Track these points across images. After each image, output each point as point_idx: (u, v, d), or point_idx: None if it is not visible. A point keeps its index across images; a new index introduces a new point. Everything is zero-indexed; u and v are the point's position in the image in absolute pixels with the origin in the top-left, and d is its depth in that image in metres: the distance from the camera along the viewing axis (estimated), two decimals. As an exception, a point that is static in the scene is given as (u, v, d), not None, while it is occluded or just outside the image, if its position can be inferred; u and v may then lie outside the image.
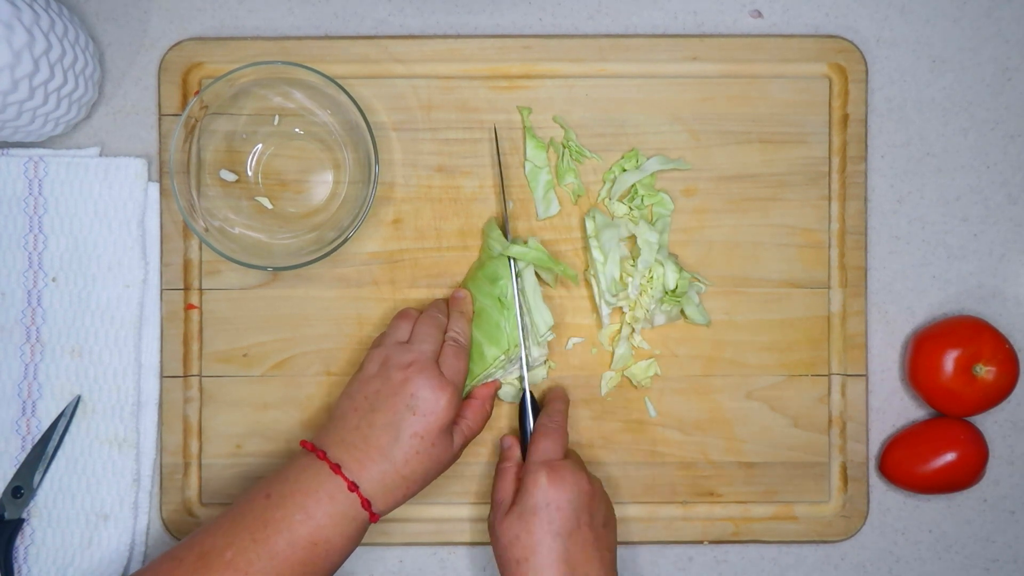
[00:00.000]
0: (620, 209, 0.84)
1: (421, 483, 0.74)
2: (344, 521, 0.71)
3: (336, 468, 0.72)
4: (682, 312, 0.84)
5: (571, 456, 0.79)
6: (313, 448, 0.74)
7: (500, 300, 0.80)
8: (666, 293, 0.82)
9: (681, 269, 0.82)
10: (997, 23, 0.87)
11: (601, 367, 0.85)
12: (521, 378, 0.82)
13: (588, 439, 0.85)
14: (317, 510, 0.71)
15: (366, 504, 0.72)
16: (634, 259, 0.82)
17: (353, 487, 0.71)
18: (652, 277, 0.82)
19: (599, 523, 0.75)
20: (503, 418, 0.85)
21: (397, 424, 0.73)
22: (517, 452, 0.80)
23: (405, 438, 0.73)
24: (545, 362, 0.84)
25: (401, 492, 0.73)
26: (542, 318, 0.81)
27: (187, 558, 0.70)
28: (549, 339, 0.82)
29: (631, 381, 0.84)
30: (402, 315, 0.80)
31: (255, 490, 0.73)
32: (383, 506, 0.73)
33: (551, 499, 0.74)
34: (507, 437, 0.82)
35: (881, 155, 0.87)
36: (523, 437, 0.82)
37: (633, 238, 0.83)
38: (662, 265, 0.82)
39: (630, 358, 0.84)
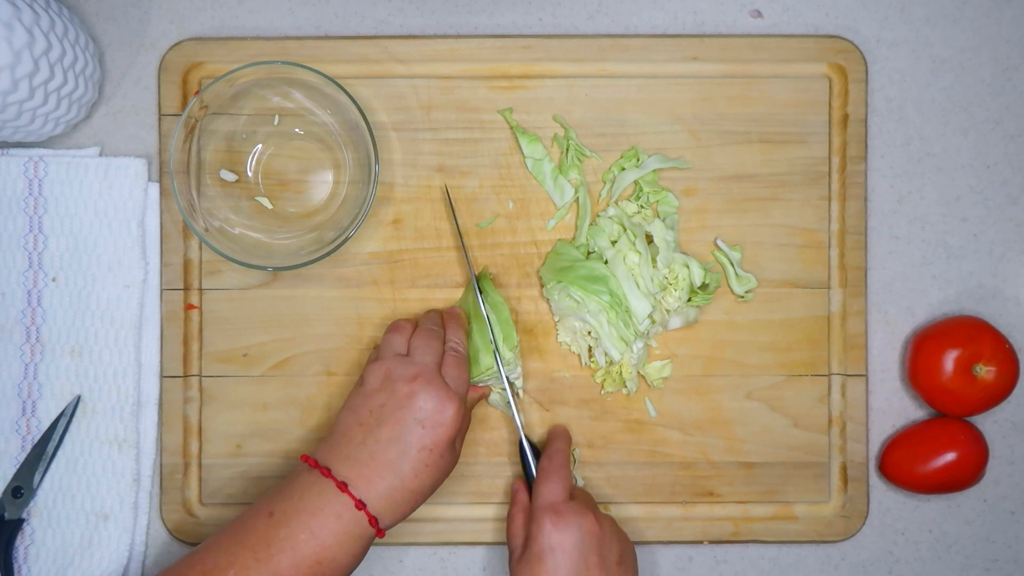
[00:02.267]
0: (630, 208, 0.84)
1: (428, 494, 0.74)
2: (350, 539, 0.70)
3: (343, 486, 0.71)
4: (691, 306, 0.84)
5: (577, 496, 0.78)
6: (316, 464, 0.72)
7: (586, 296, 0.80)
8: (693, 292, 0.82)
9: (705, 268, 0.82)
10: (997, 23, 0.87)
11: (601, 370, 0.85)
12: (516, 427, 0.82)
13: (588, 439, 0.85)
14: (322, 529, 0.70)
15: (373, 521, 0.71)
16: (653, 257, 0.82)
17: (361, 505, 0.70)
18: (677, 276, 0.82)
19: (612, 561, 0.74)
20: (499, 420, 0.85)
21: (405, 438, 0.72)
22: (524, 497, 0.80)
23: (413, 452, 0.72)
24: (518, 390, 0.84)
25: (409, 506, 0.73)
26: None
27: None
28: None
29: (646, 380, 0.84)
30: (395, 328, 0.79)
31: (257, 507, 0.72)
32: (390, 521, 0.72)
33: (555, 544, 0.73)
34: (516, 482, 0.82)
35: (881, 155, 0.87)
36: (528, 480, 0.81)
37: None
38: (687, 267, 0.82)
39: (646, 356, 0.84)
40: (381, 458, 0.72)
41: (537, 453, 0.82)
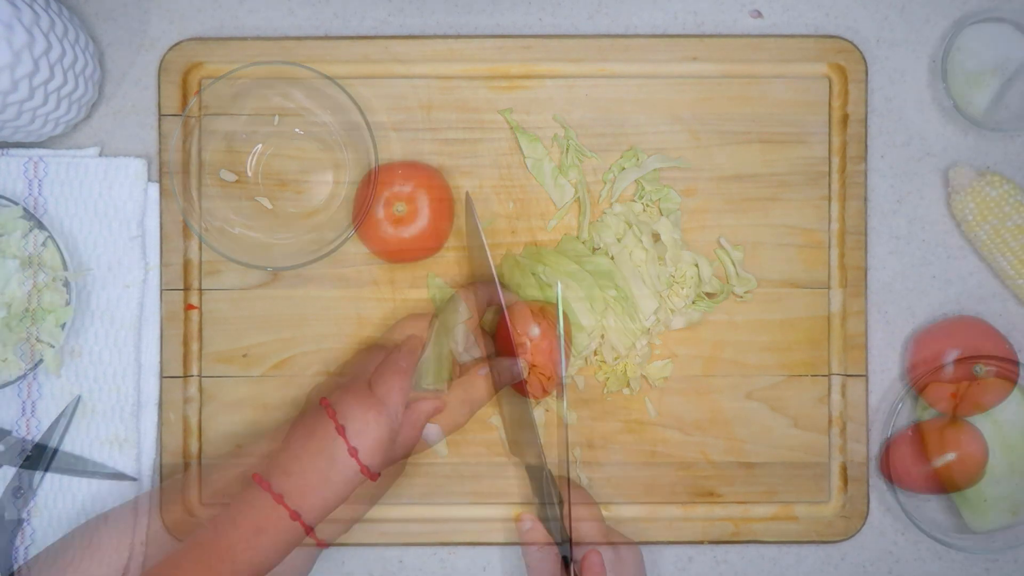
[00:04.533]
0: (636, 207, 0.84)
1: (368, 505, 0.75)
2: (287, 548, 0.72)
3: (279, 498, 0.72)
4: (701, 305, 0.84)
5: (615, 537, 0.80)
6: (260, 480, 0.74)
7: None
8: (699, 297, 0.82)
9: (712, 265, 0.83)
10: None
11: (606, 367, 0.85)
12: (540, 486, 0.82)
13: (588, 439, 0.85)
14: (258, 538, 0.71)
15: (310, 531, 0.72)
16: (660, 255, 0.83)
17: (295, 516, 0.72)
18: (685, 274, 0.82)
19: None
20: (498, 421, 0.85)
21: (330, 448, 0.73)
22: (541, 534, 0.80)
23: (340, 461, 0.73)
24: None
25: (348, 516, 0.75)
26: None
27: None
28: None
29: (647, 379, 0.84)
30: None
31: (207, 521, 0.74)
32: (331, 533, 0.74)
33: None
34: (525, 517, 0.81)
35: (881, 155, 0.87)
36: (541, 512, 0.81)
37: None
38: (696, 265, 0.82)
39: (649, 355, 0.84)
40: (311, 469, 0.73)
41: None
